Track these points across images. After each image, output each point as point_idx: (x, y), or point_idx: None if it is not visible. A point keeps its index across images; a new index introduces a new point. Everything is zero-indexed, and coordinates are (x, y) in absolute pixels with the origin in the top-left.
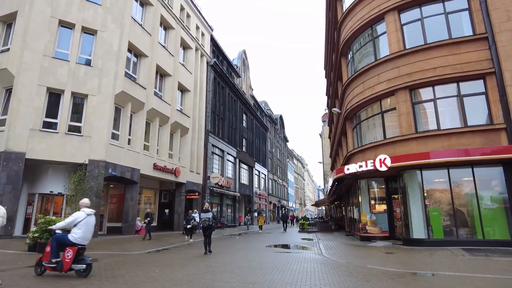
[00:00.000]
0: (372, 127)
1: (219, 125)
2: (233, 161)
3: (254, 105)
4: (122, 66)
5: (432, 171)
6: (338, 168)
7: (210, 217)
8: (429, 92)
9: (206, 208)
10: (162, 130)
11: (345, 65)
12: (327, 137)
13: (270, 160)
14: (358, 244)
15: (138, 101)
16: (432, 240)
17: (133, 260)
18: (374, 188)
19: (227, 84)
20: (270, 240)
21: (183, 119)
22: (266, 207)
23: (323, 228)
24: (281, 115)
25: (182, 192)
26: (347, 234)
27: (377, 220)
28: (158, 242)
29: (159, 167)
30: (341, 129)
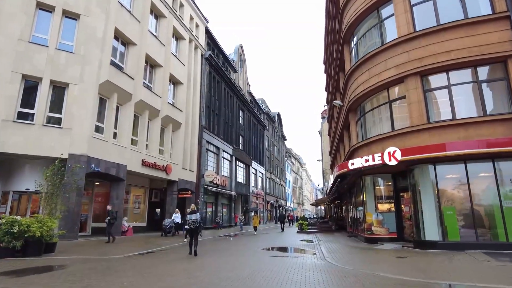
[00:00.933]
0: (378, 119)
1: (214, 121)
2: (229, 159)
3: (251, 101)
4: (107, 54)
5: (447, 166)
6: (341, 164)
7: (197, 219)
8: (443, 78)
9: (193, 209)
10: (152, 124)
11: (347, 53)
12: (326, 134)
13: (267, 159)
14: (364, 247)
15: (125, 92)
16: (447, 243)
17: (106, 266)
18: (380, 185)
19: (223, 79)
20: (266, 241)
21: (175, 113)
22: (263, 206)
23: (323, 228)
24: (279, 113)
25: (173, 191)
26: (349, 235)
27: (384, 220)
28: (145, 244)
29: (148, 163)
30: (343, 123)
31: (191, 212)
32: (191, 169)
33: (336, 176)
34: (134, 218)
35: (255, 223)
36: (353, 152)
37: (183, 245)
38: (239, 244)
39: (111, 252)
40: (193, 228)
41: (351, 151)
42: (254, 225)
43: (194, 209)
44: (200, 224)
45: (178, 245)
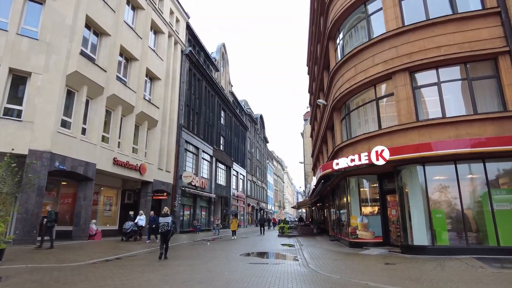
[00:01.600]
0: (364, 117)
1: (194, 120)
2: (209, 160)
3: (234, 102)
4: (77, 43)
5: (436, 167)
6: (325, 164)
7: (169, 222)
8: (432, 75)
9: (165, 212)
10: (125, 120)
11: (333, 50)
12: (309, 136)
13: (249, 161)
14: (348, 252)
15: (96, 85)
16: (437, 248)
17: (55, 278)
18: (365, 187)
19: (203, 77)
20: (245, 246)
21: (151, 110)
22: (244, 209)
23: (304, 232)
24: (262, 115)
25: (148, 192)
26: (331, 239)
27: (369, 224)
28: (113, 249)
29: (121, 162)
30: (326, 123)
31: (163, 215)
32: (168, 170)
33: (320, 177)
34: (104, 220)
35: (233, 227)
36: (337, 152)
37: (155, 251)
38: (215, 249)
39: (71, 259)
40: (164, 232)
41: (335, 151)
42: (233, 229)
43: (166, 212)
44: (171, 227)
45: (149, 251)
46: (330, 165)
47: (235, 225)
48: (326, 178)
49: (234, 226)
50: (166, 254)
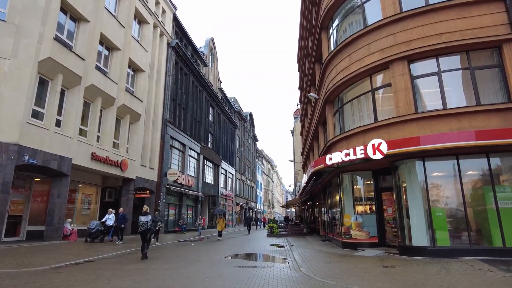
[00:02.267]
0: (359, 110)
1: (180, 115)
2: (196, 157)
3: (222, 98)
4: (51, 27)
5: (437, 162)
6: (317, 159)
7: (148, 220)
8: (432, 64)
9: (145, 211)
10: (105, 113)
11: (325, 40)
12: (299, 134)
13: (238, 159)
14: (342, 253)
15: (72, 74)
16: (437, 249)
17: (3, 287)
18: (359, 184)
19: (191, 71)
20: (232, 247)
21: (134, 103)
22: (232, 209)
23: (294, 231)
24: (251, 113)
25: (130, 190)
26: (323, 239)
27: (364, 223)
28: (87, 251)
29: (100, 157)
30: (318, 118)
31: (142, 213)
32: (152, 167)
33: (311, 173)
34: (82, 220)
35: (220, 227)
36: (330, 147)
37: (132, 252)
38: (200, 250)
39: (35, 262)
40: (143, 231)
41: (327, 146)
42: (219, 229)
43: (145, 211)
44: (150, 226)
45: (125, 252)
46: (322, 160)
47: (222, 225)
48: (318, 174)
49: (221, 226)
50: (146, 253)
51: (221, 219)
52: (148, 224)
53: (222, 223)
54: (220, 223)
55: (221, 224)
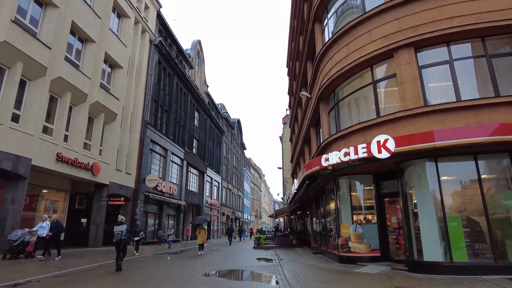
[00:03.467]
0: (357, 105)
1: (162, 118)
2: (180, 163)
3: (209, 103)
4: (9, 8)
5: (452, 163)
6: (310, 161)
7: (123, 231)
8: (443, 51)
9: (120, 221)
10: (76, 111)
11: (319, 33)
12: (288, 140)
13: (225, 167)
14: (340, 270)
15: (36, 64)
16: (455, 265)
17: None
18: (358, 190)
19: (175, 72)
20: (213, 262)
21: (109, 101)
22: (218, 218)
23: (282, 243)
24: (239, 120)
25: (102, 196)
26: (315, 252)
27: (364, 234)
28: (42, 267)
29: (67, 159)
30: (310, 119)
31: (118, 223)
32: (128, 172)
33: (303, 178)
34: None
35: (201, 239)
36: (324, 148)
37: (93, 268)
38: (175, 265)
39: None
40: (117, 241)
41: (321, 148)
42: (200, 241)
43: (121, 220)
44: (125, 236)
45: (86, 268)
46: (317, 162)
47: (203, 236)
48: (311, 179)
49: (202, 238)
50: (120, 265)
51: (203, 229)
52: (123, 234)
53: (204, 235)
54: (201, 235)
55: (202, 235)
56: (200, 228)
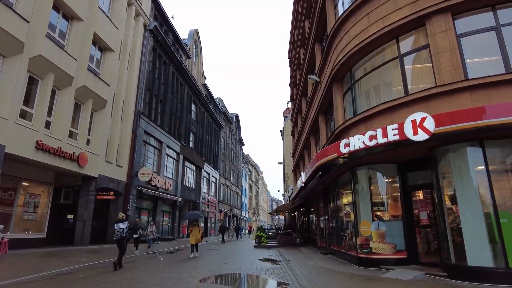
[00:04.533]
0: (380, 85)
1: (157, 108)
2: (176, 157)
3: (207, 96)
4: None
5: (502, 148)
6: (325, 149)
7: (124, 228)
8: (487, 17)
9: (121, 218)
10: (60, 95)
11: (331, 7)
12: (289, 134)
13: (222, 163)
14: (364, 275)
15: (11, 38)
16: (509, 272)
17: None
18: (380, 182)
19: (171, 61)
20: (210, 263)
21: (99, 87)
22: (215, 216)
23: (285, 242)
24: (237, 115)
25: (90, 190)
26: (323, 252)
27: (387, 232)
28: (20, 270)
29: (49, 148)
30: (318, 105)
31: (118, 220)
32: (120, 164)
33: (315, 169)
34: (25, 226)
35: (193, 239)
36: (340, 134)
37: (71, 272)
38: (168, 268)
39: None
40: (119, 239)
41: (336, 134)
42: (193, 241)
43: (121, 218)
44: (126, 234)
45: (62, 271)
46: (334, 149)
47: (197, 235)
48: (325, 169)
49: (195, 237)
50: (120, 263)
51: (196, 227)
52: (124, 231)
53: (197, 233)
54: (194, 233)
55: (196, 234)
56: (193, 225)
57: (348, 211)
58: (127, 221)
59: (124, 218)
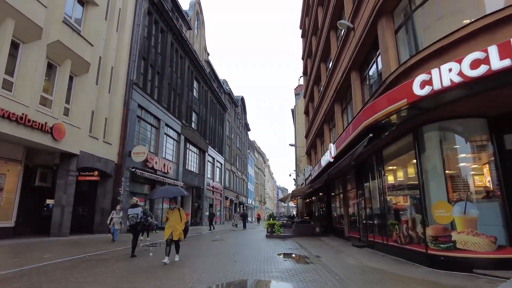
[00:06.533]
0: (455, 7)
1: (153, 81)
2: (176, 138)
3: (210, 74)
4: None
5: None
6: (376, 101)
7: (138, 213)
8: None
9: (135, 203)
10: (26, 50)
11: None
12: (301, 113)
13: (228, 147)
14: (458, 285)
15: None
16: None
17: None
18: (456, 146)
19: (169, 29)
20: (217, 261)
21: (79, 45)
22: (221, 203)
23: (302, 231)
24: (243, 97)
25: (70, 170)
26: (357, 244)
27: (479, 219)
28: None
29: (9, 114)
30: (353, 56)
31: (132, 206)
32: (108, 141)
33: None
34: None
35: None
36: (395, 82)
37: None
38: (156, 271)
39: None
40: (133, 224)
41: (389, 84)
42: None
43: (135, 203)
44: (141, 219)
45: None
46: (402, 92)
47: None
48: (379, 129)
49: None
50: (134, 251)
51: (175, 212)
52: (138, 217)
53: (177, 223)
54: (172, 223)
55: (174, 223)
56: (170, 209)
57: (403, 192)
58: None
59: (138, 203)
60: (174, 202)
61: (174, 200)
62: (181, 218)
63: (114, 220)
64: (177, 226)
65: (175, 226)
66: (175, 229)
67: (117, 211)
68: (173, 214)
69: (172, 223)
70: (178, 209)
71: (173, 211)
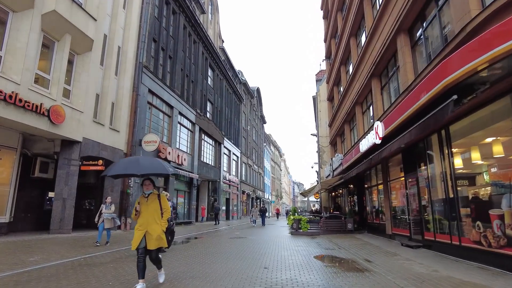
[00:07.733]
0: None
1: (165, 65)
2: (191, 128)
3: (225, 61)
4: None
5: None
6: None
7: None
8: None
9: None
10: (17, 20)
11: None
12: (323, 100)
13: (244, 140)
14: None
15: None
16: None
17: None
18: None
19: (182, 10)
20: (240, 270)
21: (79, 19)
22: (237, 197)
23: (331, 227)
24: (259, 88)
25: (72, 159)
26: (409, 244)
27: None
28: None
29: None
30: (403, 13)
31: None
32: (115, 128)
33: (445, 88)
34: None
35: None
36: (479, 28)
37: None
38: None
39: None
40: None
41: (471, 32)
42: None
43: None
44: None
45: None
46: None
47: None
48: (466, 89)
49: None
50: None
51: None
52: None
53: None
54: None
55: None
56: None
57: (487, 176)
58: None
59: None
60: (149, 185)
61: (150, 182)
62: (162, 212)
63: (104, 216)
64: (153, 225)
65: (149, 223)
66: (151, 231)
67: (107, 205)
68: (147, 205)
69: (144, 219)
70: (157, 196)
71: (147, 200)
